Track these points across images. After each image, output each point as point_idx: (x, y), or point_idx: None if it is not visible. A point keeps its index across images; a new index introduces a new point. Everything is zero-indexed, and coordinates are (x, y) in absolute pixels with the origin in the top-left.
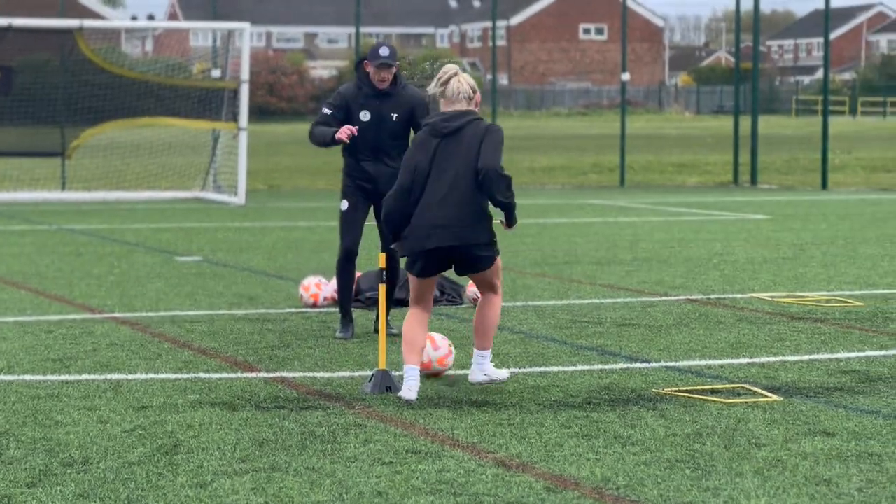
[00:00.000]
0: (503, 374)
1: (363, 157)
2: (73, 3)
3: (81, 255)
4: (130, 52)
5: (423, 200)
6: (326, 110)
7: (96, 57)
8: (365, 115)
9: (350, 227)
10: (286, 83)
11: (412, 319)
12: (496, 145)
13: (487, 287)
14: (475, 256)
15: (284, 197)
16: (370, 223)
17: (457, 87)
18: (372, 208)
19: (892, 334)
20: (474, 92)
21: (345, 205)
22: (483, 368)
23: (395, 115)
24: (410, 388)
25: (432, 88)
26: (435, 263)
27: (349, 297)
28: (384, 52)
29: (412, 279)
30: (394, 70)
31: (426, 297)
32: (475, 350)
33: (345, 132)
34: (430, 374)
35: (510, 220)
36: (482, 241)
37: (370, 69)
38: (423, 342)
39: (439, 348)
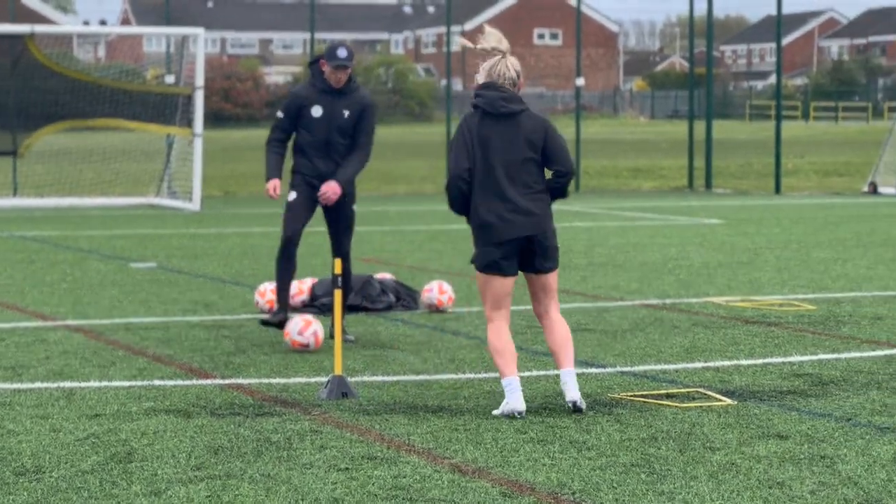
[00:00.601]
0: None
1: (314, 154)
2: (24, 9)
3: (34, 262)
4: (83, 58)
5: (488, 189)
6: (280, 114)
7: (49, 61)
8: (317, 111)
9: (294, 218)
10: (241, 89)
11: (497, 330)
12: (565, 144)
13: (552, 294)
14: (552, 247)
15: (240, 203)
16: (322, 229)
17: (502, 70)
18: (327, 214)
19: (844, 338)
20: (518, 77)
21: (293, 195)
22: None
23: (346, 113)
24: (518, 398)
25: (490, 42)
26: (515, 257)
27: (286, 286)
28: (342, 53)
29: (489, 284)
30: (349, 71)
31: (506, 301)
32: (568, 369)
33: (270, 192)
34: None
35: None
36: (552, 231)
37: (326, 68)
38: (513, 349)
39: (302, 335)
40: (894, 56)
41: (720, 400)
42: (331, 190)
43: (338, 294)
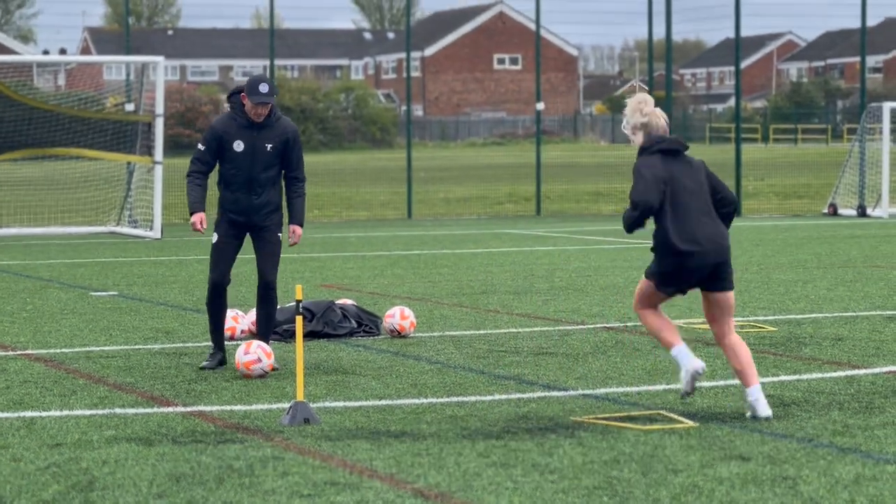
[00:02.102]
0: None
1: (236, 188)
2: None
3: None
4: (43, 86)
5: (688, 216)
6: (201, 147)
7: (8, 90)
8: (239, 146)
9: (220, 260)
10: (201, 116)
11: (655, 312)
12: (719, 179)
13: (731, 314)
14: (730, 271)
15: None
16: (249, 256)
17: (658, 122)
18: (254, 242)
19: (805, 359)
20: (667, 125)
21: (215, 237)
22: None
23: (269, 146)
24: (692, 359)
25: (636, 118)
26: (695, 282)
27: (221, 327)
28: (263, 88)
29: (661, 296)
30: (270, 107)
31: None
32: (754, 386)
33: (196, 226)
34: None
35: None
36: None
37: (247, 102)
38: (670, 323)
39: (249, 353)
40: (852, 78)
41: (681, 422)
42: (298, 236)
43: (300, 320)
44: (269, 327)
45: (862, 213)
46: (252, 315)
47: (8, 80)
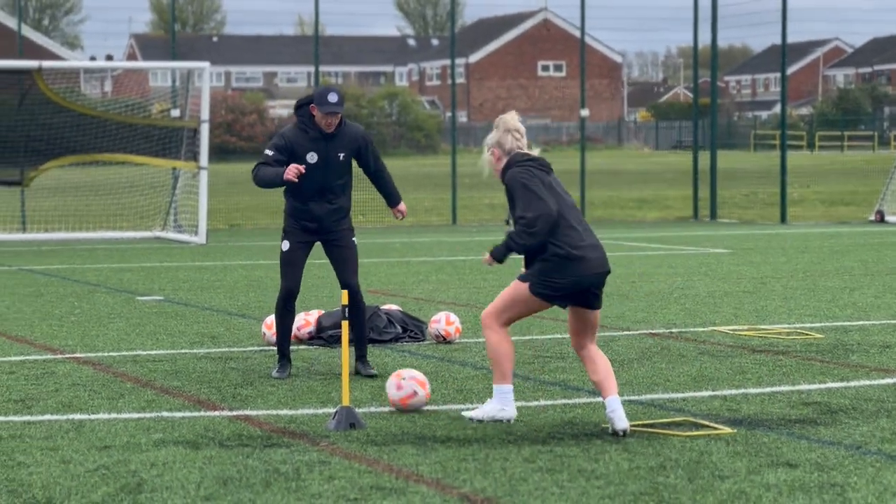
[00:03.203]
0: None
1: (309, 198)
2: (31, 45)
3: (42, 295)
4: (90, 93)
5: (573, 227)
6: (269, 152)
7: (56, 96)
8: (312, 157)
9: (291, 268)
10: (245, 122)
11: (507, 337)
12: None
13: (595, 330)
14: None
15: (245, 236)
16: (322, 261)
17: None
18: (323, 248)
19: (852, 366)
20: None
21: (286, 245)
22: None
23: (341, 155)
24: (511, 410)
25: (514, 144)
26: (577, 293)
27: (287, 337)
28: (333, 98)
29: (533, 305)
30: (339, 116)
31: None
32: (612, 397)
33: (292, 172)
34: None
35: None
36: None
37: (317, 113)
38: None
39: (402, 389)
40: None
41: (727, 429)
42: (404, 211)
43: (345, 326)
44: (363, 334)
45: None
46: (298, 320)
47: (56, 87)
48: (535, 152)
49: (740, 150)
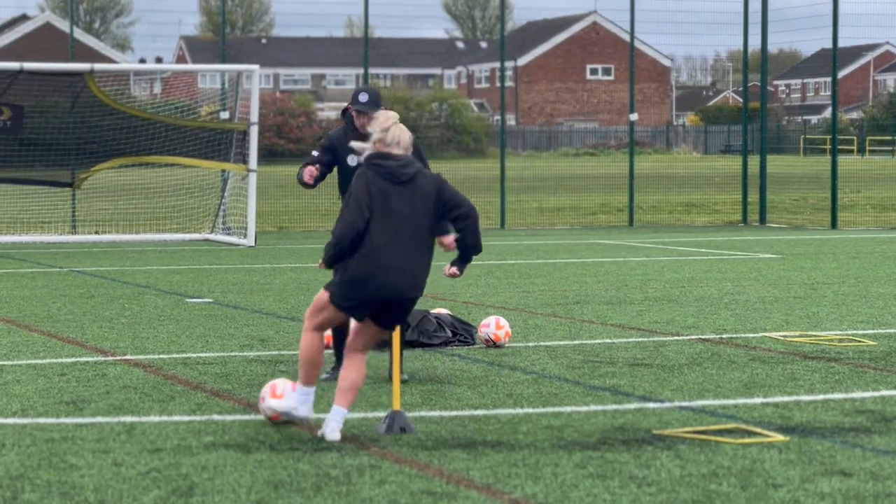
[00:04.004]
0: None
1: None
2: (83, 47)
3: (93, 297)
4: (139, 95)
5: (377, 244)
6: (315, 152)
7: (107, 98)
8: (352, 160)
9: None
10: (294, 125)
11: (316, 341)
12: (457, 191)
13: (370, 344)
14: (408, 309)
15: (294, 238)
16: None
17: (398, 133)
18: None
19: None
20: (410, 145)
21: None
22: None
23: None
24: (307, 411)
25: (375, 135)
26: (378, 310)
27: (344, 341)
28: (363, 97)
29: (336, 315)
30: (372, 115)
31: (366, 342)
32: (337, 407)
33: (306, 174)
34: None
35: (463, 268)
36: (420, 296)
37: (353, 113)
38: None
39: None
40: None
41: (779, 437)
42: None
43: (396, 331)
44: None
45: None
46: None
47: (106, 89)
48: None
49: (790, 154)
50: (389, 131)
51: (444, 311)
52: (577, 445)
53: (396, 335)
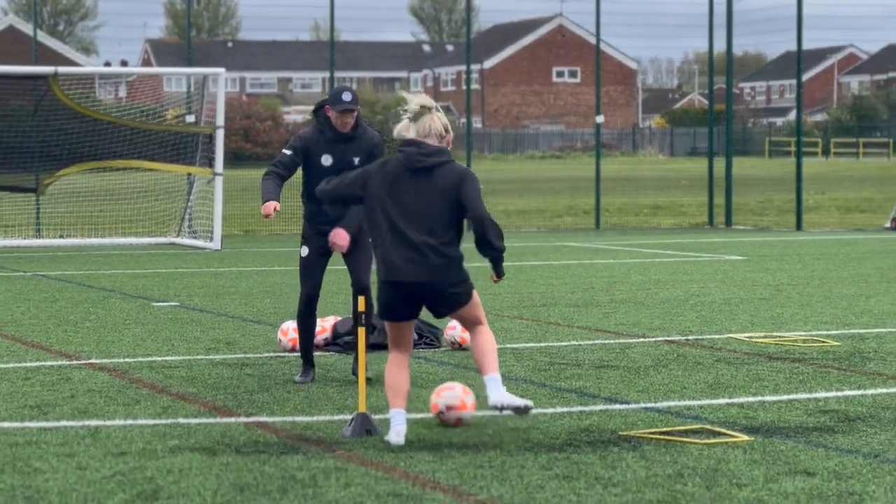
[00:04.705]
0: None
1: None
2: (47, 50)
3: (57, 301)
4: (104, 98)
5: (393, 234)
6: (287, 151)
7: (71, 102)
8: (327, 160)
9: (310, 274)
10: (260, 128)
11: (393, 364)
12: (478, 192)
13: (472, 321)
14: (449, 293)
15: (260, 242)
16: (336, 267)
17: (429, 123)
18: (342, 256)
19: (870, 374)
20: (447, 132)
21: (305, 251)
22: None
23: (357, 159)
24: (398, 432)
25: (406, 116)
26: (406, 302)
27: (310, 343)
28: (347, 97)
29: (387, 325)
30: (356, 114)
31: (403, 340)
32: (489, 374)
33: (267, 211)
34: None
35: (499, 271)
36: (454, 280)
37: (332, 114)
38: (407, 385)
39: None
40: None
41: (744, 437)
42: (339, 238)
43: (361, 332)
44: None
45: None
46: (321, 322)
47: (71, 93)
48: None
49: (755, 156)
50: (424, 119)
51: None
52: (543, 447)
53: (361, 337)
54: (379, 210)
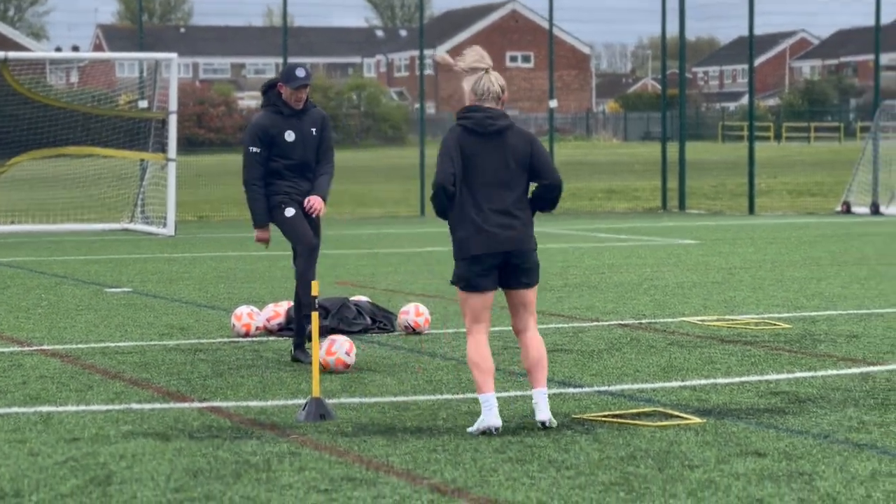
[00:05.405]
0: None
1: (293, 176)
2: None
3: (8, 287)
4: (56, 84)
5: (473, 203)
6: (254, 149)
7: (22, 88)
8: (290, 136)
9: (303, 227)
10: (214, 114)
11: (476, 343)
12: (549, 157)
13: (530, 308)
14: (533, 263)
15: (214, 227)
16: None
17: (487, 86)
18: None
19: (820, 356)
20: (503, 92)
21: (290, 211)
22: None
23: (314, 130)
24: (496, 414)
25: (465, 63)
26: (492, 271)
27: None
28: (301, 73)
29: (469, 298)
30: (308, 90)
31: (487, 313)
32: (537, 390)
33: (263, 239)
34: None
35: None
36: (534, 248)
37: (285, 90)
38: (491, 364)
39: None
40: (866, 76)
41: (696, 419)
42: (318, 203)
43: (315, 316)
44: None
45: (875, 210)
46: (267, 312)
47: (21, 78)
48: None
49: (708, 141)
50: (481, 81)
51: (363, 298)
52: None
53: (315, 322)
54: (463, 182)
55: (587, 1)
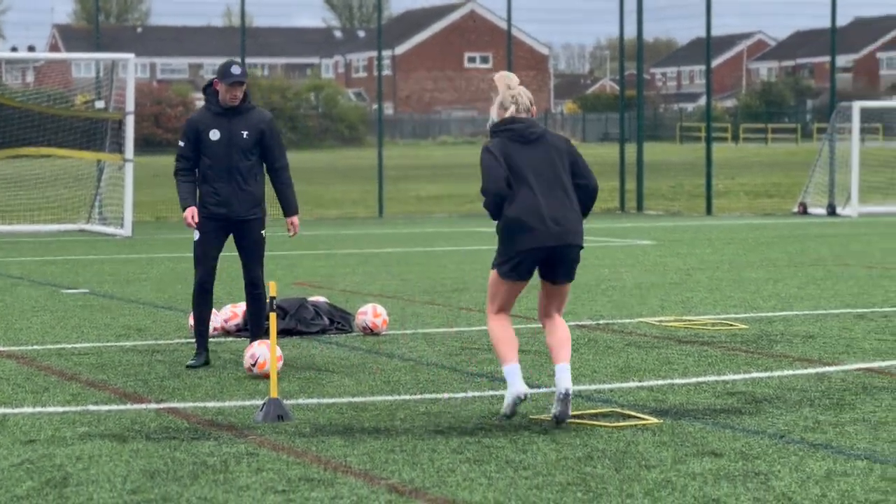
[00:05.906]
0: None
1: (216, 179)
2: None
3: None
4: (11, 84)
5: (520, 200)
6: (182, 142)
7: None
8: (215, 135)
9: (203, 259)
10: (171, 114)
11: (501, 323)
12: (586, 162)
13: (563, 301)
14: (578, 258)
15: (171, 228)
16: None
17: (523, 101)
18: (236, 239)
19: (777, 356)
20: (531, 104)
21: (197, 235)
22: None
23: (245, 133)
24: (521, 385)
25: (505, 101)
26: (535, 265)
27: (206, 327)
28: (236, 70)
29: (504, 285)
30: (244, 87)
31: (513, 302)
32: (562, 364)
33: (188, 221)
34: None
35: None
36: (583, 245)
37: (220, 88)
38: (514, 336)
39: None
40: (822, 77)
41: (653, 419)
42: (296, 227)
43: (273, 317)
44: (260, 327)
45: (832, 211)
46: (224, 313)
47: None
48: (512, 111)
49: (666, 142)
50: (519, 99)
51: (321, 299)
52: (454, 431)
53: (273, 322)
54: (515, 183)
55: (545, 1)
